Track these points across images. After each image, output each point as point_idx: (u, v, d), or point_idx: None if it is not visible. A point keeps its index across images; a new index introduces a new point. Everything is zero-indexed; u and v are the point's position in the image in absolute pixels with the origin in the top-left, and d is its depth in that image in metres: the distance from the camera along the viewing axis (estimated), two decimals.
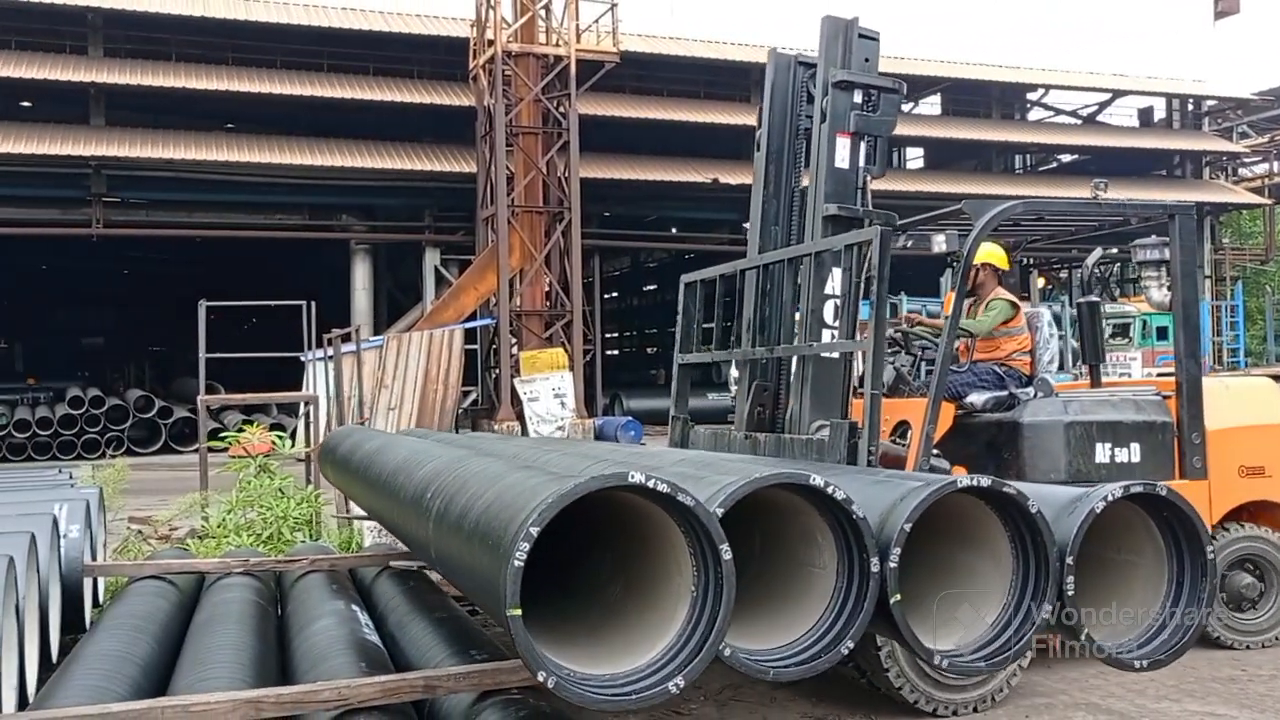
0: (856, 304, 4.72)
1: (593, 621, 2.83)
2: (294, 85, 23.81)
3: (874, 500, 2.77)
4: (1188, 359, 5.45)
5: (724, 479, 2.64)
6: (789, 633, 2.68)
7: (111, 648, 3.83)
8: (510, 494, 2.49)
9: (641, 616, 2.65)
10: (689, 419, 5.83)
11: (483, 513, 2.59)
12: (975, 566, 2.84)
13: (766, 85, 5.68)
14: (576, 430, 21.66)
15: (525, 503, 2.29)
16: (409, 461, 3.86)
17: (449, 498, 2.93)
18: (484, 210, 22.73)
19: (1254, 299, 36.12)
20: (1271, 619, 5.55)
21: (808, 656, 2.62)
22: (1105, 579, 2.96)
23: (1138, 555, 2.96)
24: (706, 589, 2.43)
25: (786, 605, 2.78)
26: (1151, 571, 2.94)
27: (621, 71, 23.87)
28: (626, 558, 2.81)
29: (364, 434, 5.35)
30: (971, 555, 2.85)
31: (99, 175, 22.54)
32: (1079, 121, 34.54)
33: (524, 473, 2.66)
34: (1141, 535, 2.94)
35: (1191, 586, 2.88)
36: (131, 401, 23.10)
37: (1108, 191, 5.55)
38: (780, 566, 2.87)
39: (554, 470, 2.81)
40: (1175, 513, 2.87)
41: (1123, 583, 2.98)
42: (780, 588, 2.84)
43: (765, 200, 5.64)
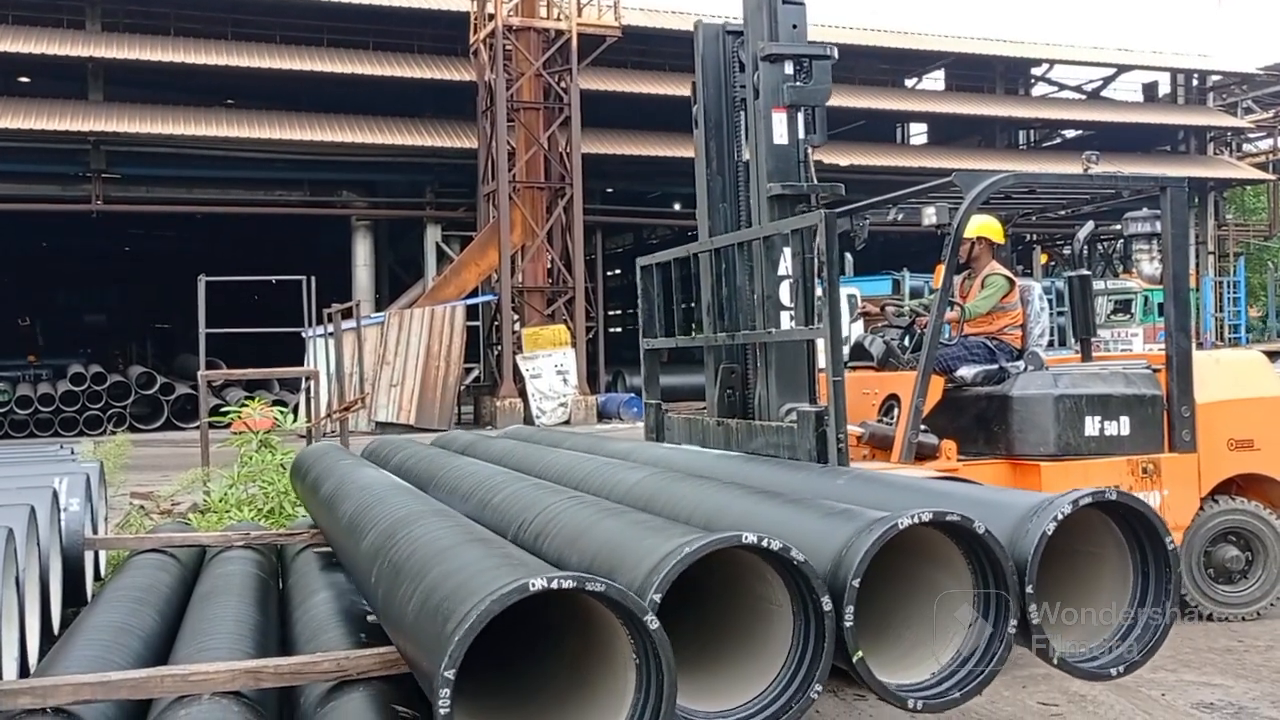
0: (811, 284, 4.60)
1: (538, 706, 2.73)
2: (294, 60, 23.76)
3: (825, 539, 2.67)
4: (1177, 332, 5.48)
5: (649, 559, 2.46)
6: (756, 679, 2.57)
7: (112, 620, 3.88)
8: (432, 625, 2.36)
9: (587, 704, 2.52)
10: (662, 405, 5.76)
11: (412, 625, 2.52)
12: (939, 583, 2.77)
13: (697, 58, 5.51)
14: (579, 407, 21.74)
15: (444, 648, 2.16)
16: (356, 520, 3.64)
17: (390, 581, 2.83)
18: (485, 186, 22.71)
19: (1257, 275, 36.08)
20: (1259, 591, 5.58)
21: (777, 709, 2.50)
22: (1071, 577, 2.91)
23: (1101, 550, 2.91)
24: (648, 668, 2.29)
25: (752, 645, 2.68)
26: (1116, 568, 2.89)
27: (623, 46, 23.79)
28: (566, 639, 2.69)
29: (324, 465, 5.15)
30: (937, 572, 2.78)
31: (98, 151, 22.53)
32: (1083, 97, 34.39)
33: (451, 581, 2.46)
34: (1104, 533, 2.90)
35: (1157, 586, 2.82)
36: (133, 378, 23.17)
37: (1099, 164, 5.56)
38: (741, 601, 2.77)
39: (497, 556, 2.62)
40: (1134, 514, 2.82)
41: (1089, 580, 2.93)
42: (743, 626, 2.75)
43: (710, 178, 5.49)
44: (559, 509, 3.17)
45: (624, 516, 2.95)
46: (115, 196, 23.32)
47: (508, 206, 21.69)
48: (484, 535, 2.93)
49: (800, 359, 5.01)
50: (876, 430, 5.23)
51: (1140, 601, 2.81)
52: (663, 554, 2.42)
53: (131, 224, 28.40)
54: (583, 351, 22.56)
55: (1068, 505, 2.67)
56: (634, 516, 2.96)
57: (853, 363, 5.98)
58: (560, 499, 3.30)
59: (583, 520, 2.97)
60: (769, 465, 4.32)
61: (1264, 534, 5.59)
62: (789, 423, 4.62)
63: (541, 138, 22.20)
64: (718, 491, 3.40)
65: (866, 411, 5.48)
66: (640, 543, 2.61)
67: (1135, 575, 2.83)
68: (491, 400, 22.05)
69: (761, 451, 4.87)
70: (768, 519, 2.94)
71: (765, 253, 4.97)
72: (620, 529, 2.80)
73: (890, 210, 6.03)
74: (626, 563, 2.54)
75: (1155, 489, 5.32)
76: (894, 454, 5.07)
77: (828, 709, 4.25)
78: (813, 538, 2.68)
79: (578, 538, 2.87)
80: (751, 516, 3.00)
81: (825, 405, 4.33)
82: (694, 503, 3.33)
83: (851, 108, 27.23)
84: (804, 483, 3.76)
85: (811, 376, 5.00)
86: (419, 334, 21.43)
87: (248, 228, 27.90)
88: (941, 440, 5.12)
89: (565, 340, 22.04)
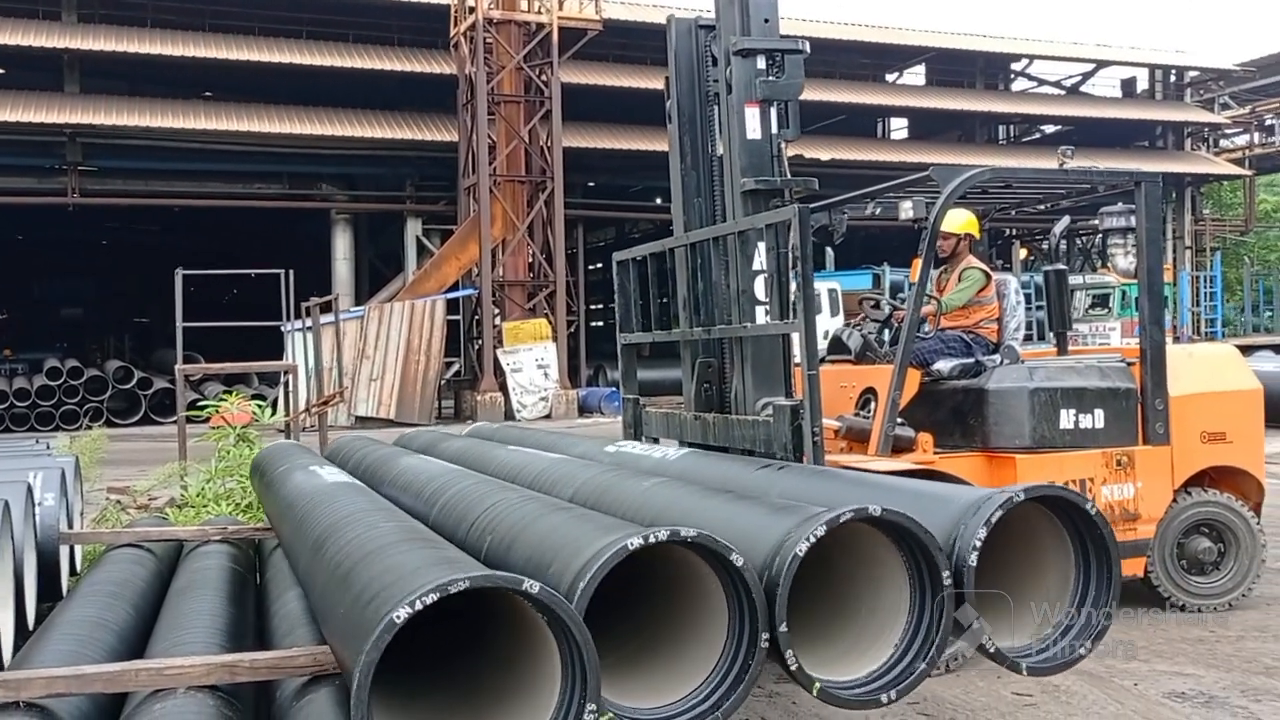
0: (786, 279, 4.58)
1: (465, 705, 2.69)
2: (272, 52, 23.61)
3: (765, 532, 2.65)
4: (1152, 325, 5.53)
5: (581, 558, 2.43)
6: (695, 675, 2.54)
7: (87, 614, 3.85)
8: (356, 624, 2.35)
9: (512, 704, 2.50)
10: (640, 400, 5.75)
11: (339, 624, 2.52)
12: (878, 579, 2.75)
13: (670, 53, 5.48)
14: (560, 401, 21.74)
15: (362, 649, 2.14)
16: (303, 519, 3.60)
17: (325, 579, 2.82)
18: (466, 180, 22.65)
19: (1233, 270, 36.38)
20: (1230, 582, 5.65)
21: (709, 706, 2.47)
22: (1019, 570, 2.89)
23: (1042, 547, 2.90)
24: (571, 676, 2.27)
25: (691, 641, 2.65)
26: (1059, 565, 2.88)
27: (605, 40, 23.75)
28: (501, 640, 2.65)
29: (281, 465, 5.12)
30: (876, 569, 2.76)
31: (74, 144, 22.34)
32: (1062, 92, 34.59)
33: (377, 582, 2.42)
34: (1047, 529, 2.88)
35: (1098, 587, 2.81)
36: (110, 372, 23.00)
37: (1074, 159, 5.59)
38: (680, 598, 2.74)
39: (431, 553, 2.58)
40: (1078, 513, 2.80)
41: (1036, 573, 2.91)
42: (682, 623, 2.72)
43: (684, 173, 5.47)
44: (503, 507, 3.14)
45: (565, 514, 2.93)
46: (92, 189, 23.13)
47: (488, 200, 21.64)
48: (423, 535, 2.90)
49: (776, 353, 5.01)
50: (853, 424, 5.25)
51: (1081, 599, 2.80)
52: (593, 551, 2.40)
53: (108, 217, 28.21)
54: (564, 346, 22.55)
55: (1001, 505, 2.64)
56: (574, 514, 2.94)
57: (830, 356, 6.01)
58: (507, 496, 3.28)
59: (524, 517, 2.95)
60: (723, 461, 4.34)
61: (1236, 526, 5.66)
62: (765, 417, 4.63)
63: (522, 131, 22.15)
64: (664, 489, 3.37)
65: (844, 405, 5.50)
66: (574, 540, 2.58)
67: (1077, 572, 2.82)
68: (472, 395, 22.01)
69: (738, 445, 4.89)
70: (710, 516, 2.92)
71: (740, 247, 4.97)
72: (558, 526, 2.78)
73: (868, 205, 6.05)
74: (560, 560, 2.53)
75: (1129, 481, 5.37)
76: (871, 447, 5.10)
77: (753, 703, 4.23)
78: (752, 534, 2.65)
79: (518, 535, 2.85)
80: (693, 513, 2.97)
81: (801, 399, 4.34)
82: (639, 500, 3.31)
83: (832, 102, 27.29)
84: (753, 479, 3.76)
85: (787, 371, 5.00)
86: (399, 328, 21.37)
87: (226, 221, 27.74)
88: (918, 433, 5.15)
89: (546, 334, 22.02)
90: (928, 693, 4.50)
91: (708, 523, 2.74)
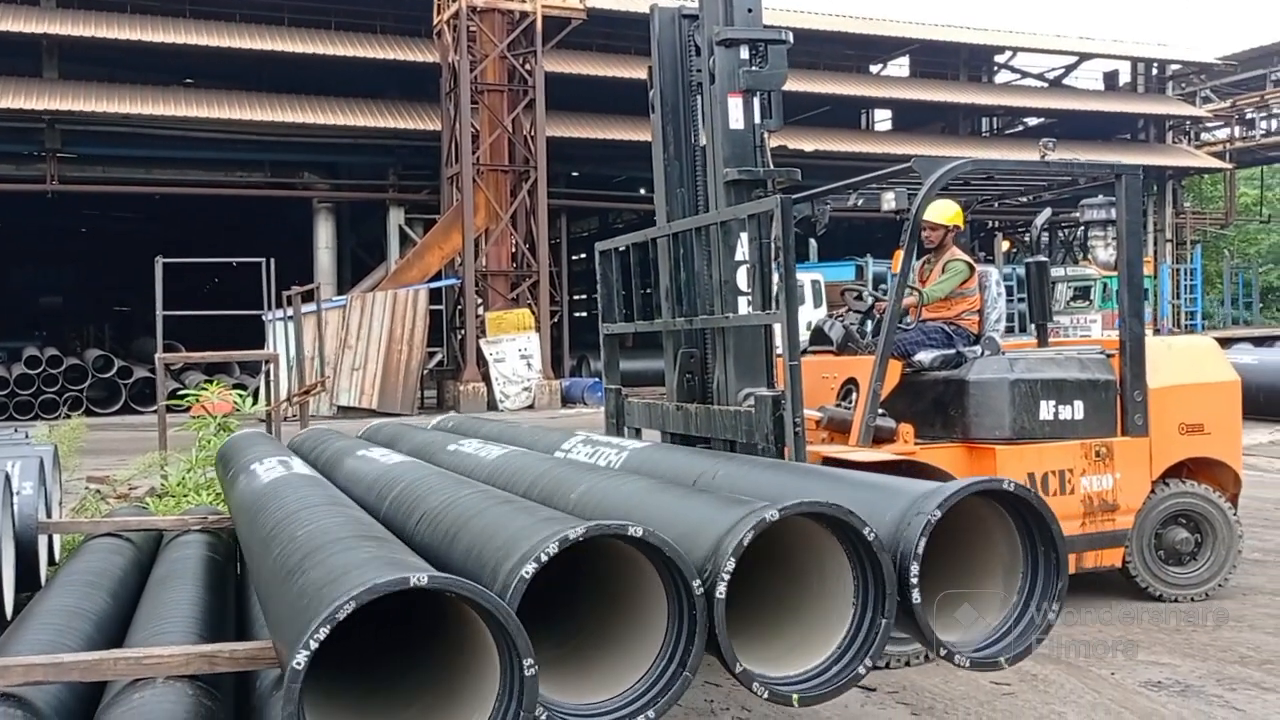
0: (769, 269, 4.59)
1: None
2: (254, 39, 23.44)
3: (708, 527, 2.60)
4: (1131, 318, 5.56)
5: (513, 557, 2.37)
6: (634, 670, 2.50)
7: (65, 604, 3.83)
8: (293, 623, 2.30)
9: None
10: (622, 390, 5.74)
11: (275, 620, 2.50)
12: (824, 573, 2.71)
13: (653, 42, 5.47)
14: (543, 391, 21.72)
15: (296, 647, 2.09)
16: (255, 514, 3.57)
17: (269, 574, 2.79)
18: (449, 169, 22.57)
19: (1213, 263, 36.64)
20: (1207, 572, 5.70)
21: (646, 701, 2.42)
22: (968, 563, 2.87)
23: (992, 539, 2.85)
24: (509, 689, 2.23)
25: (633, 636, 2.60)
26: (1007, 559, 2.84)
27: (589, 29, 23.70)
28: (439, 639, 2.61)
29: (237, 461, 5.05)
30: (822, 562, 2.72)
31: (53, 130, 22.14)
32: (1045, 85, 34.73)
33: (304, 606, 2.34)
34: (996, 523, 2.84)
35: (1045, 583, 2.77)
36: (90, 361, 22.83)
37: (1056, 151, 5.62)
38: (622, 591, 2.68)
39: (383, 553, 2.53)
40: (1026, 507, 2.76)
41: (985, 567, 2.88)
42: (624, 617, 2.66)
43: (667, 163, 5.46)
44: (449, 500, 3.10)
45: (507, 507, 2.89)
46: (71, 176, 22.94)
47: (471, 189, 21.58)
48: (369, 531, 2.85)
49: (758, 344, 5.02)
50: (835, 414, 5.27)
51: (1029, 593, 2.77)
52: (528, 546, 2.36)
53: (88, 204, 27.96)
54: (547, 336, 22.52)
55: (942, 501, 2.59)
56: (516, 506, 2.90)
57: (812, 347, 6.02)
58: (455, 491, 3.22)
59: (466, 511, 2.90)
60: (683, 454, 4.32)
61: (1213, 516, 5.71)
62: (747, 407, 4.64)
63: (506, 120, 22.08)
64: (614, 481, 3.34)
65: (826, 396, 5.52)
66: (510, 535, 2.54)
67: (1026, 566, 2.80)
68: (455, 385, 21.97)
69: (720, 436, 4.90)
70: (652, 508, 2.89)
71: (723, 238, 4.97)
72: (496, 521, 2.73)
73: (851, 196, 6.07)
74: (495, 556, 2.49)
75: (1108, 472, 5.41)
76: (852, 438, 5.12)
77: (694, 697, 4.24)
78: (695, 529, 2.61)
79: (460, 530, 2.81)
80: (638, 507, 2.93)
81: (782, 390, 4.35)
82: (590, 494, 3.26)
83: (816, 93, 27.31)
84: (711, 470, 3.74)
85: (769, 361, 5.01)
86: (381, 318, 21.30)
87: (207, 209, 27.55)
88: (899, 424, 5.17)
89: (529, 324, 21.99)
90: (907, 681, 4.53)
91: (654, 516, 2.71)
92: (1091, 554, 5.43)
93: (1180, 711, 4.16)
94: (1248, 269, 37.54)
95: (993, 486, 2.72)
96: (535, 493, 3.47)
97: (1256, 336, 23.85)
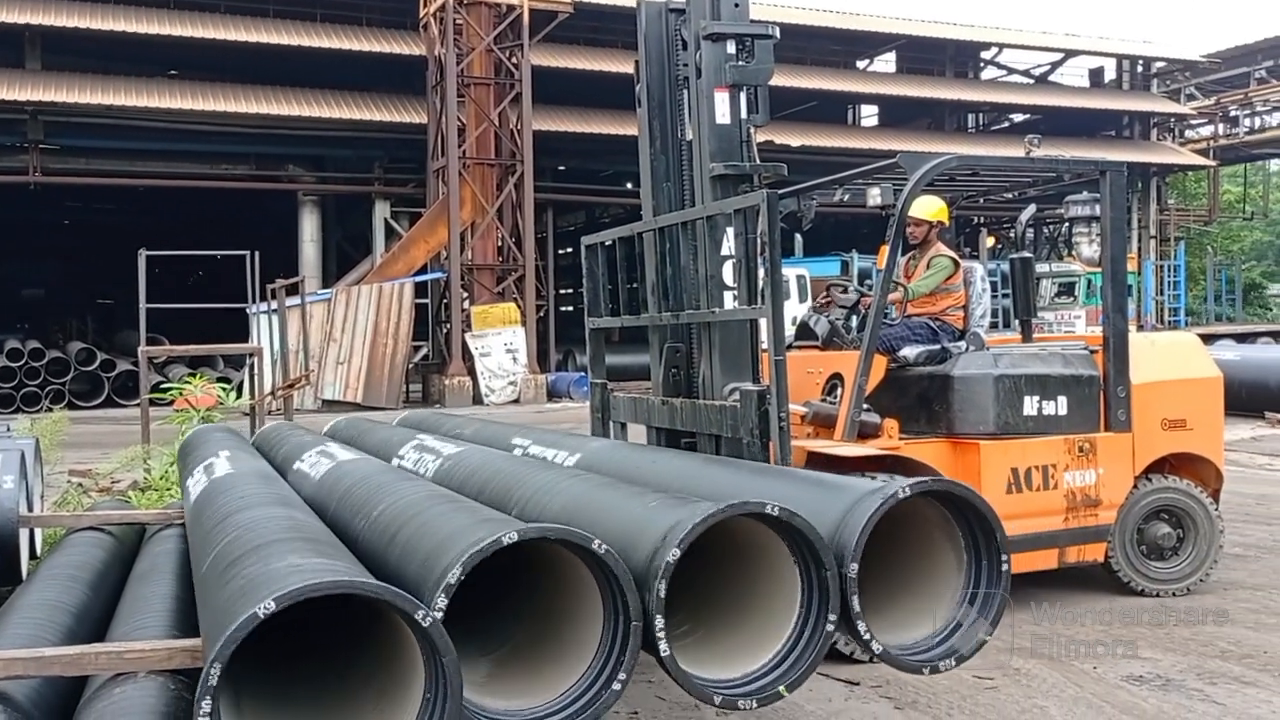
0: (754, 264, 4.59)
1: None
2: (239, 31, 23.28)
3: (651, 527, 2.55)
4: (1115, 314, 5.59)
5: (444, 560, 2.32)
6: (568, 675, 2.46)
7: (46, 598, 3.81)
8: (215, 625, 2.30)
9: None
10: (607, 384, 5.73)
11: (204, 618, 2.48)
12: (769, 574, 2.67)
13: (640, 36, 5.45)
14: (529, 386, 21.69)
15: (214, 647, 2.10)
16: (198, 511, 3.58)
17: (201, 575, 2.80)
18: (435, 162, 22.51)
19: (1196, 259, 36.85)
20: (1189, 567, 5.74)
21: (579, 707, 2.39)
22: (911, 564, 2.82)
23: (934, 543, 2.80)
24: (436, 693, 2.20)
25: (568, 641, 2.56)
26: (950, 561, 2.79)
27: (576, 23, 23.63)
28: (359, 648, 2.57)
29: (192, 455, 5.00)
30: (766, 563, 2.69)
31: (35, 121, 21.97)
32: (1031, 81, 34.81)
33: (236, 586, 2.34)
34: (939, 525, 2.79)
35: (987, 588, 2.71)
36: (73, 354, 22.69)
37: (1041, 148, 5.64)
38: (556, 595, 2.64)
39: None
40: (973, 512, 2.71)
41: (929, 569, 2.82)
42: (561, 621, 2.62)
43: (653, 157, 5.44)
44: (393, 499, 3.07)
45: (447, 507, 2.85)
46: (54, 168, 22.76)
47: (457, 183, 21.52)
48: (304, 532, 2.81)
49: (744, 338, 5.02)
50: (820, 409, 5.28)
51: (971, 595, 2.72)
52: (457, 550, 2.32)
53: (71, 196, 27.74)
54: (533, 330, 22.48)
55: (883, 499, 2.55)
56: (457, 506, 2.87)
57: (798, 342, 6.03)
58: (400, 489, 3.20)
59: (405, 510, 2.88)
60: (641, 452, 4.33)
61: (1195, 512, 5.75)
62: (732, 402, 4.64)
63: (492, 114, 22.03)
64: (569, 480, 3.32)
65: (811, 391, 5.53)
66: (443, 538, 2.51)
67: (969, 570, 2.74)
68: (440, 379, 21.92)
69: (705, 431, 4.90)
70: (599, 506, 2.86)
71: (709, 233, 4.96)
72: (431, 522, 2.70)
73: (837, 191, 6.07)
74: (426, 560, 2.46)
75: (1091, 467, 5.45)
76: (837, 432, 5.13)
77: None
78: (635, 530, 2.58)
79: (398, 531, 2.78)
80: (584, 507, 2.91)
81: (768, 385, 4.35)
82: (546, 491, 3.24)
83: (803, 88, 27.32)
84: (661, 469, 3.73)
85: (755, 356, 5.01)
86: (366, 311, 21.24)
87: (191, 202, 27.38)
88: (884, 419, 5.18)
89: (515, 318, 21.95)
90: (890, 675, 4.55)
91: (596, 518, 2.68)
92: (1074, 549, 5.47)
93: (1161, 705, 4.18)
94: (1231, 266, 37.78)
95: (932, 487, 2.66)
96: (488, 492, 3.43)
97: (1239, 333, 24.03)
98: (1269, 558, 6.67)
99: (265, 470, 4.15)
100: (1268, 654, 4.80)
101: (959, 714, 4.14)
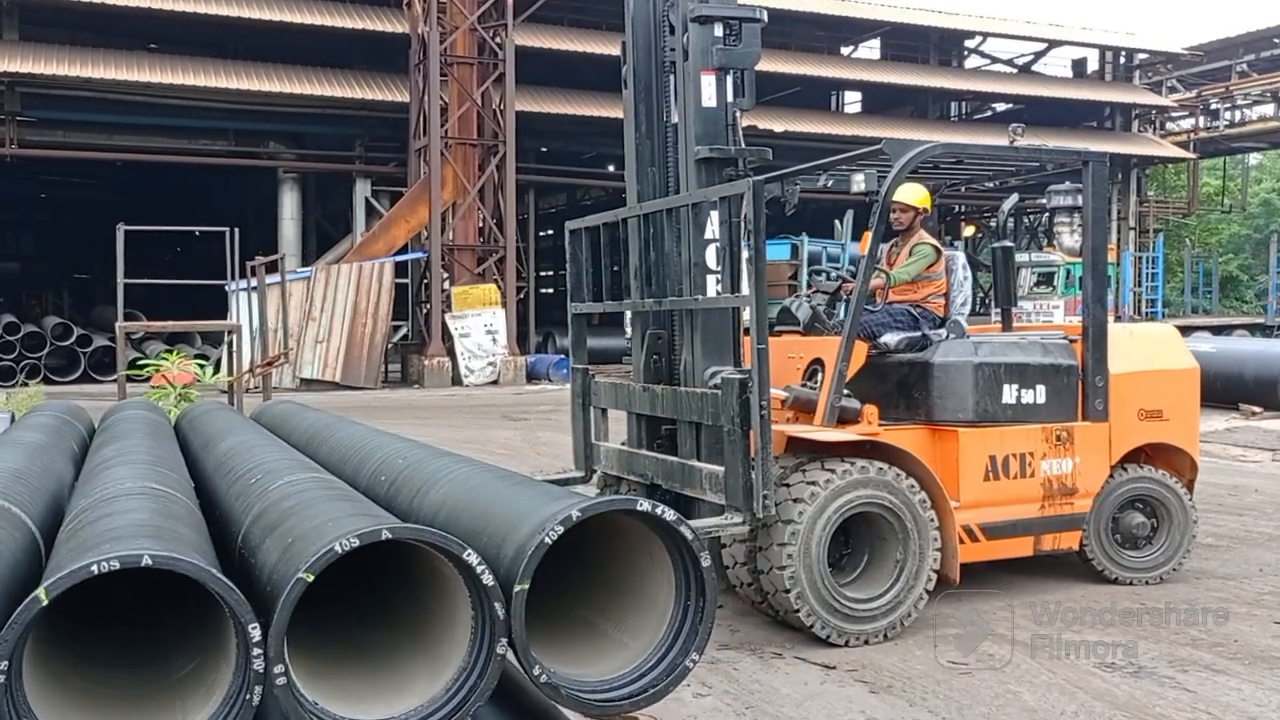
0: (738, 250, 4.57)
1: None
2: (220, 5, 23.01)
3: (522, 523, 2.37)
4: (1094, 304, 5.62)
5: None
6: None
7: None
8: None
9: None
10: (589, 370, 5.71)
11: None
12: (442, 601, 2.42)
13: (627, 18, 5.41)
14: (508, 367, 21.65)
15: None
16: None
17: None
18: (417, 141, 22.36)
19: (1174, 251, 37.11)
20: (1163, 556, 5.79)
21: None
22: (632, 590, 2.59)
23: (657, 568, 2.53)
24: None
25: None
26: (666, 585, 2.51)
27: (560, 3, 23.54)
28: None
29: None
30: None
31: (12, 92, 21.68)
32: (1014, 70, 34.89)
33: None
34: (659, 549, 2.51)
35: (693, 627, 2.44)
36: (49, 329, 22.50)
37: (1024, 137, 5.64)
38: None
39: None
40: (681, 541, 2.41)
41: (646, 598, 2.56)
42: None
43: (639, 141, 5.40)
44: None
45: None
46: (30, 140, 22.49)
47: (439, 163, 21.40)
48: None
49: (726, 324, 5.02)
50: (800, 394, 5.28)
51: (678, 631, 2.45)
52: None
53: (48, 170, 27.48)
54: (513, 311, 22.43)
55: (559, 525, 2.25)
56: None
57: (779, 327, 6.03)
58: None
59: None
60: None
61: (1169, 501, 5.80)
62: (713, 389, 4.64)
63: (475, 93, 21.89)
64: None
65: (791, 376, 5.53)
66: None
67: (678, 596, 2.47)
68: (419, 359, 21.86)
69: (686, 417, 4.90)
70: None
71: (693, 217, 4.94)
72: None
73: (821, 177, 6.07)
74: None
75: (1068, 456, 5.48)
76: (817, 418, 5.14)
77: None
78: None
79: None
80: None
81: (749, 370, 4.35)
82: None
83: (787, 74, 27.27)
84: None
85: (737, 342, 5.01)
86: (346, 290, 21.12)
87: (170, 177, 27.13)
88: (864, 405, 5.19)
89: (495, 300, 21.89)
90: (866, 660, 4.58)
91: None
92: (1050, 536, 5.51)
93: (1133, 692, 4.23)
94: (1208, 258, 38.05)
95: (615, 508, 2.38)
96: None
97: (1215, 325, 24.23)
98: (1240, 548, 6.74)
99: (169, 457, 3.96)
100: (1238, 642, 4.86)
101: (933, 698, 4.17)
